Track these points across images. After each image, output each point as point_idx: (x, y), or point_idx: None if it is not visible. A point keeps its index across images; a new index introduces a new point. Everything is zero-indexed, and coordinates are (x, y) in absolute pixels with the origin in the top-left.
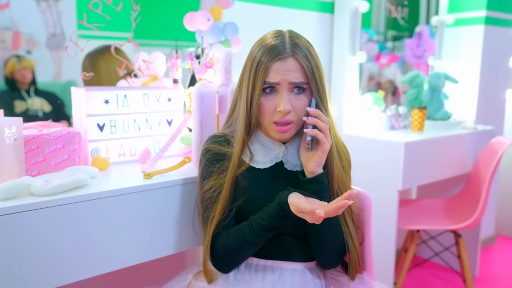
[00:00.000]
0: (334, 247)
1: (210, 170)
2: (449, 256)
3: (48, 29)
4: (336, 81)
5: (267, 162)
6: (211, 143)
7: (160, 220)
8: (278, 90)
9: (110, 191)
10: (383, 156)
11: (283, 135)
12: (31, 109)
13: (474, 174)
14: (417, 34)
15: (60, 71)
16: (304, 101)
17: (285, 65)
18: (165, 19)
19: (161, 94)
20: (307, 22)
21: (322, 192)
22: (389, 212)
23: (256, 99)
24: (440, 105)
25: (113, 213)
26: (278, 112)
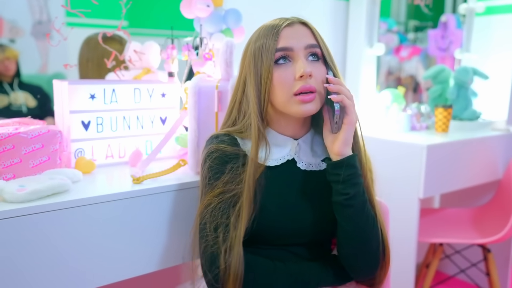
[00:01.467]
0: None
1: (220, 169)
2: (476, 273)
3: (33, 16)
4: (351, 75)
5: (277, 159)
6: (218, 142)
7: (151, 231)
8: (292, 58)
9: (93, 198)
10: (403, 161)
11: (308, 106)
12: (15, 104)
13: (506, 181)
14: (442, 24)
15: (47, 62)
16: (322, 69)
17: (295, 30)
18: (161, 5)
19: (154, 89)
20: (319, 10)
21: (354, 178)
22: (409, 223)
23: (268, 75)
24: (467, 103)
25: (97, 222)
26: (298, 79)
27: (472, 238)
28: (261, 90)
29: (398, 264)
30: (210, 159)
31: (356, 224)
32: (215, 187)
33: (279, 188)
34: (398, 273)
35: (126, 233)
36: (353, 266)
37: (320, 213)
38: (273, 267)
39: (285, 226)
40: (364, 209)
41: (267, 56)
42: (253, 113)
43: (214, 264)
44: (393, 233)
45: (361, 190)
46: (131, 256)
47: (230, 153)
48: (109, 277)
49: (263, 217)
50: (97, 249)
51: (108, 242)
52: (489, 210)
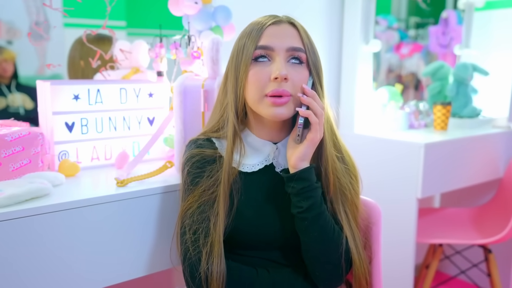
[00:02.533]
0: (332, 257)
1: (199, 174)
2: (477, 274)
3: (30, 17)
4: (347, 73)
5: (255, 164)
6: (196, 147)
7: (138, 234)
8: (272, 57)
9: (74, 202)
10: (400, 159)
11: (280, 110)
12: (12, 106)
13: (507, 180)
14: (443, 20)
15: (44, 64)
16: (303, 74)
17: (281, 29)
18: (159, 4)
19: (141, 89)
20: (315, 7)
21: (308, 191)
22: (407, 223)
23: (245, 71)
24: (467, 100)
25: (78, 227)
26: (272, 80)
27: (472, 238)
28: (237, 86)
29: (396, 265)
30: (188, 164)
31: (311, 235)
32: (194, 192)
33: (256, 193)
34: (397, 274)
35: (111, 237)
36: (315, 276)
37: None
38: (257, 275)
39: (262, 232)
40: (319, 222)
41: (247, 52)
42: (230, 110)
43: (195, 273)
44: (391, 233)
45: (317, 203)
46: (116, 262)
47: (209, 157)
48: (93, 284)
49: (240, 222)
50: (79, 255)
51: (91, 248)
52: (490, 210)
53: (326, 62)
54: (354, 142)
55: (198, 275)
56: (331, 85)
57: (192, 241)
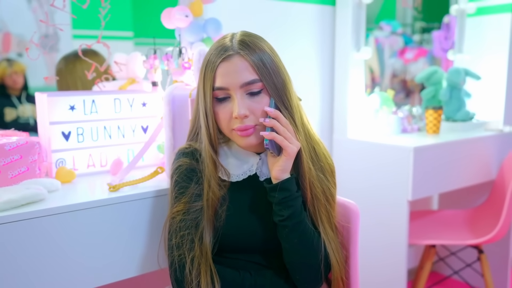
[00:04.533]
0: (312, 262)
1: (186, 184)
2: (471, 274)
3: (40, 30)
4: (339, 80)
5: (239, 174)
6: (184, 156)
7: (129, 237)
8: (231, 95)
9: (67, 206)
10: (391, 163)
11: (248, 140)
12: (22, 117)
13: (499, 182)
14: (445, 25)
15: (54, 75)
16: (263, 102)
17: (231, 65)
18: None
19: (135, 99)
20: (305, 16)
21: (289, 201)
22: (399, 225)
23: (209, 108)
24: (460, 104)
25: (72, 230)
26: (235, 119)
27: (465, 239)
28: (208, 118)
29: (388, 267)
30: (176, 174)
31: (291, 242)
32: (181, 201)
33: (241, 201)
34: (389, 276)
35: (104, 239)
36: (295, 279)
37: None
38: (240, 278)
39: (246, 237)
40: (299, 229)
41: (207, 93)
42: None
43: (179, 279)
44: (383, 236)
45: (297, 211)
46: (109, 262)
47: (195, 167)
48: (87, 284)
49: (225, 228)
50: (74, 256)
51: (85, 249)
52: (484, 211)
53: (319, 69)
54: (347, 146)
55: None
56: (324, 92)
57: (177, 247)
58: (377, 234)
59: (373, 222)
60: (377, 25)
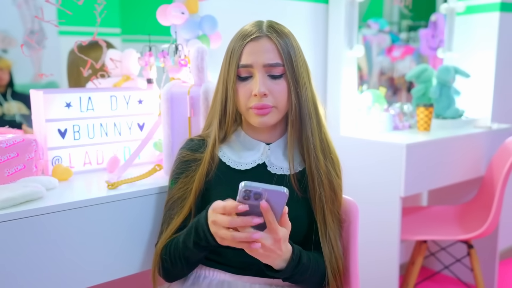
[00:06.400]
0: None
1: (179, 173)
2: (461, 269)
3: (25, 25)
4: (332, 77)
5: (248, 163)
6: (184, 149)
7: (128, 234)
8: (253, 73)
9: (67, 204)
10: (384, 160)
11: (264, 119)
12: (8, 114)
13: (488, 178)
14: (432, 23)
15: (40, 72)
16: (283, 86)
17: (258, 45)
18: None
19: (131, 96)
20: (299, 14)
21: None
22: (391, 221)
23: (232, 87)
24: (450, 102)
25: (70, 228)
26: (253, 96)
27: (455, 234)
28: (228, 97)
29: (381, 262)
30: (175, 163)
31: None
32: (174, 189)
33: None
34: (382, 271)
35: (102, 237)
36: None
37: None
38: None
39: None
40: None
41: (231, 71)
42: (215, 120)
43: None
44: (376, 232)
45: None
46: (108, 260)
47: (192, 159)
48: (86, 282)
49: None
50: (73, 254)
51: (83, 247)
52: (473, 207)
53: (312, 67)
54: (340, 144)
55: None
56: (317, 89)
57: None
58: (369, 230)
59: (366, 218)
60: (365, 23)
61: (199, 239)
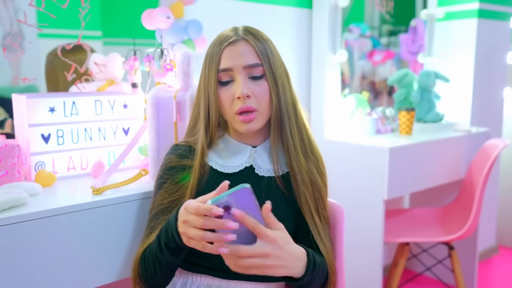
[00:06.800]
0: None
1: (164, 180)
2: (442, 270)
3: (3, 28)
4: (316, 82)
5: (236, 166)
6: (170, 155)
7: (113, 240)
8: (234, 77)
9: (51, 210)
10: (367, 163)
11: (249, 125)
12: None
13: (468, 180)
14: (412, 28)
15: (19, 75)
16: (265, 87)
17: (236, 48)
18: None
19: (116, 100)
20: (283, 19)
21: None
22: (375, 224)
23: (213, 93)
24: (431, 106)
25: (55, 235)
26: (237, 100)
27: (436, 236)
28: (210, 104)
29: (365, 265)
30: (160, 169)
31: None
32: (158, 195)
33: None
34: (366, 273)
35: (87, 244)
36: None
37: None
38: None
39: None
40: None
41: (211, 76)
42: (201, 128)
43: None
44: (359, 235)
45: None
46: (92, 266)
47: (179, 165)
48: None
49: None
50: (57, 261)
51: (68, 254)
52: (454, 209)
53: (297, 71)
54: (324, 147)
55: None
56: (301, 94)
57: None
58: (353, 232)
59: (349, 221)
60: (346, 27)
61: (168, 240)
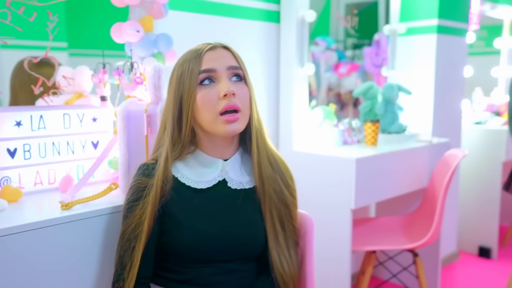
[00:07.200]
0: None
1: (134, 202)
2: (408, 277)
3: None
4: (285, 95)
5: (209, 181)
6: (139, 175)
7: (83, 256)
8: (216, 78)
9: (17, 227)
10: (335, 174)
11: (233, 126)
12: None
13: (430, 189)
14: (376, 42)
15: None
16: (246, 90)
17: (216, 53)
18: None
19: (85, 114)
20: (251, 33)
21: None
22: (343, 233)
23: (191, 96)
24: (394, 117)
25: (23, 252)
26: (222, 98)
27: (401, 244)
28: (184, 112)
29: (334, 273)
30: (129, 192)
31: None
32: (128, 219)
33: (212, 208)
34: (335, 281)
35: (57, 260)
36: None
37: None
38: None
39: (219, 244)
40: None
41: (190, 78)
42: (166, 139)
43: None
44: (328, 244)
45: None
46: (62, 283)
47: (149, 184)
48: None
49: (196, 238)
50: (26, 278)
51: (37, 271)
52: (417, 217)
53: (265, 84)
54: (292, 159)
55: None
56: (270, 106)
57: (118, 269)
58: (322, 242)
59: (318, 231)
60: (313, 40)
61: None
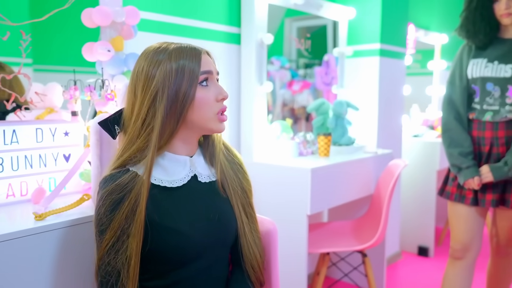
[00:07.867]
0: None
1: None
2: (358, 276)
3: None
4: (245, 110)
5: (182, 178)
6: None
7: (56, 266)
8: (210, 80)
9: None
10: (292, 182)
11: (225, 124)
12: None
13: (376, 196)
14: (325, 62)
15: None
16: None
17: (209, 57)
18: (66, 41)
19: (57, 128)
20: (215, 53)
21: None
22: (300, 237)
23: (190, 95)
24: (344, 131)
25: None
26: (220, 100)
27: (351, 245)
28: (178, 109)
29: (291, 274)
30: (98, 212)
31: None
32: (104, 241)
33: (189, 205)
34: (292, 282)
35: (30, 270)
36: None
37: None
38: None
39: (201, 240)
40: None
41: (191, 77)
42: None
43: None
44: (286, 247)
45: None
46: None
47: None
48: None
49: (180, 238)
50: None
51: (10, 283)
52: (366, 221)
53: (228, 101)
54: (253, 169)
55: None
56: (232, 121)
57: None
58: (281, 245)
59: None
60: (269, 60)
61: None
